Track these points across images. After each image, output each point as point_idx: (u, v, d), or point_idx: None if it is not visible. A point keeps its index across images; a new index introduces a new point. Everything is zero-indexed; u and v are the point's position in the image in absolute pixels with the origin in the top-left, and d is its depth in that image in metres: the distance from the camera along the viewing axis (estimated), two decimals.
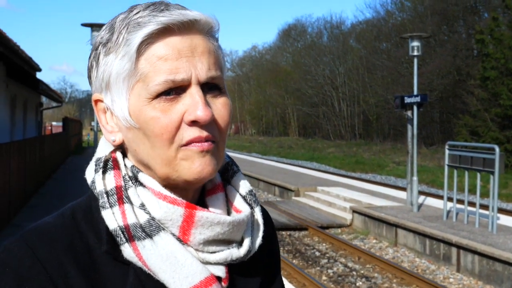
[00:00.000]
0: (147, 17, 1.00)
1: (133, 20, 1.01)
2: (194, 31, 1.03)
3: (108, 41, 1.03)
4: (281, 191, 22.10)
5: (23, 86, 22.17)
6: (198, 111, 0.99)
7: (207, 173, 1.02)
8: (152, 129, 1.00)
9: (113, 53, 1.02)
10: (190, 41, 1.02)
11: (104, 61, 1.03)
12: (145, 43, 1.00)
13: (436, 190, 22.09)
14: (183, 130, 1.00)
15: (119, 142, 1.07)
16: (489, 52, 30.67)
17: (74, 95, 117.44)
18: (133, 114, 1.02)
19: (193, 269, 1.01)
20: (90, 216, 1.05)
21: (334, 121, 57.25)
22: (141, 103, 1.01)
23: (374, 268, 11.63)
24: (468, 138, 31.44)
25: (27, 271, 0.95)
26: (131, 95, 1.02)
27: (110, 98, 1.05)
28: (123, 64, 1.01)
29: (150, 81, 1.00)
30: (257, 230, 1.13)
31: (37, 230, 1.01)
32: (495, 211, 12.05)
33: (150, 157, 1.03)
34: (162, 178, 1.03)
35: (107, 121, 1.08)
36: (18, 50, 15.19)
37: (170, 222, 1.01)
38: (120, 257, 1.01)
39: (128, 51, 1.00)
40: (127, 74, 1.01)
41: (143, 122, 1.01)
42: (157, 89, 0.99)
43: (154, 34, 1.00)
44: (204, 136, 1.01)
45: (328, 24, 64.33)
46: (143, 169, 1.06)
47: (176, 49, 1.00)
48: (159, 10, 1.01)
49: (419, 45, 14.90)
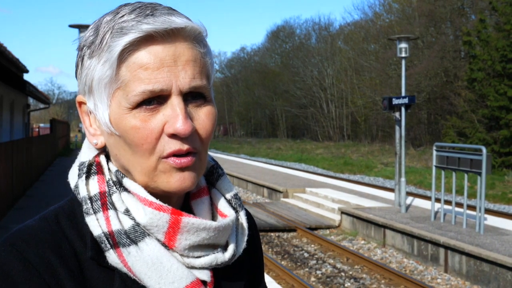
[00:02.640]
0: (131, 22, 0.98)
1: (117, 24, 0.99)
2: (179, 39, 1.00)
3: (92, 43, 1.01)
4: (270, 192, 22.10)
5: (10, 88, 22.01)
6: (177, 124, 0.97)
7: (185, 187, 1.01)
8: (132, 139, 0.99)
9: (96, 57, 1.00)
10: (173, 50, 0.99)
11: (88, 64, 1.02)
12: (127, 50, 0.98)
13: (424, 191, 22.19)
14: (164, 141, 0.99)
15: (101, 146, 1.07)
16: (476, 53, 30.86)
17: (61, 97, 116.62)
18: (113, 121, 1.01)
19: (179, 274, 1.00)
20: (75, 221, 1.03)
21: (322, 122, 57.32)
22: (121, 111, 0.99)
23: (363, 269, 11.66)
24: (455, 139, 31.61)
25: (20, 274, 0.94)
26: (112, 101, 1.01)
27: (93, 102, 1.04)
28: (104, 70, 0.99)
29: (129, 91, 0.98)
30: (241, 234, 1.13)
31: (22, 232, 1.00)
32: (482, 212, 12.12)
33: (131, 163, 1.02)
34: (142, 185, 1.02)
35: (90, 124, 1.07)
36: (5, 51, 15.10)
37: (155, 228, 1.00)
38: (105, 262, 1.00)
39: (110, 58, 0.98)
40: (108, 81, 1.00)
41: (123, 131, 0.99)
42: (136, 100, 0.98)
43: (136, 41, 0.97)
44: (184, 149, 0.99)
45: (316, 26, 64.49)
46: (127, 174, 1.05)
47: (158, 58, 0.98)
48: (144, 15, 0.98)
49: (407, 47, 14.96)
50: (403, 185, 14.95)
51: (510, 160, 27.94)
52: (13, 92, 23.41)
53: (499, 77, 29.22)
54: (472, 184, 18.68)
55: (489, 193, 20.24)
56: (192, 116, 1.01)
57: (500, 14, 29.64)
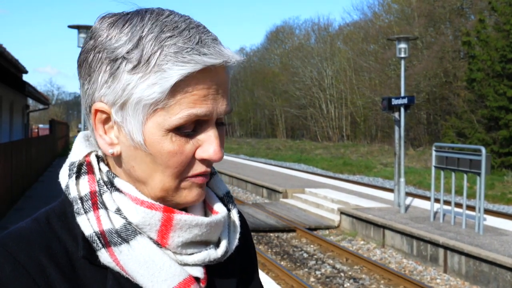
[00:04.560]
0: (186, 49, 0.95)
1: (168, 45, 0.95)
2: (222, 69, 1.00)
3: (134, 58, 0.96)
4: (269, 192, 22.10)
5: (9, 88, 22.00)
6: (213, 152, 0.99)
7: (200, 199, 1.05)
8: (167, 162, 0.98)
9: (141, 76, 0.96)
10: (218, 79, 0.99)
11: (127, 79, 0.96)
12: (183, 78, 0.96)
13: (423, 192, 22.20)
14: (192, 163, 1.01)
15: (117, 155, 1.03)
16: (476, 54, 30.86)
17: (61, 97, 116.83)
18: (147, 140, 0.98)
19: (172, 271, 1.00)
20: (66, 222, 1.03)
21: (321, 122, 57.35)
22: (158, 132, 0.97)
23: (362, 269, 11.66)
24: (454, 140, 31.62)
25: (10, 275, 0.93)
26: (149, 120, 0.97)
27: (121, 115, 0.99)
28: (151, 92, 0.95)
29: (173, 113, 0.96)
30: (233, 231, 1.13)
31: (12, 234, 0.99)
32: (481, 212, 12.12)
33: (151, 179, 1.00)
34: (151, 197, 1.02)
35: (105, 132, 1.03)
36: (4, 52, 15.09)
37: (148, 227, 1.00)
38: (98, 262, 1.00)
39: (162, 84, 0.95)
40: (152, 102, 0.96)
41: (157, 152, 0.98)
42: (180, 122, 0.96)
43: (194, 73, 0.96)
44: (209, 170, 1.03)
45: (315, 26, 64.55)
46: (124, 176, 1.04)
47: (206, 87, 0.97)
48: (195, 42, 0.96)
49: (406, 47, 14.96)
50: (403, 186, 14.95)
51: (509, 160, 27.96)
52: (12, 93, 23.40)
53: (499, 77, 29.23)
54: (471, 185, 18.68)
55: (488, 193, 20.25)
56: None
57: (500, 14, 29.65)
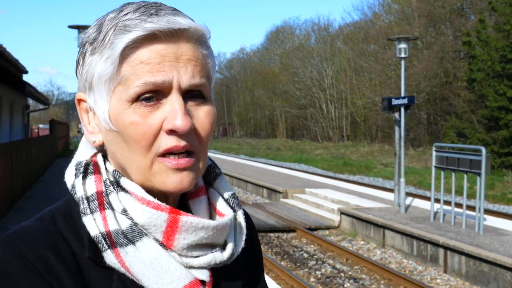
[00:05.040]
0: (135, 21, 0.98)
1: (121, 21, 0.99)
2: (182, 39, 1.00)
3: (95, 40, 1.02)
4: (269, 193, 22.10)
5: (9, 88, 22.00)
6: (176, 120, 0.97)
7: (182, 188, 1.01)
8: (130, 134, 0.99)
9: (98, 54, 1.01)
10: (176, 49, 0.99)
11: (89, 60, 1.02)
12: (129, 47, 0.98)
13: (423, 192, 22.19)
14: (161, 138, 0.99)
15: (99, 144, 1.06)
16: (476, 54, 30.84)
17: (61, 97, 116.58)
18: (112, 117, 1.01)
19: (177, 274, 1.00)
20: (71, 222, 1.03)
21: (322, 123, 57.29)
22: (121, 106, 0.99)
23: (362, 269, 11.66)
24: (455, 140, 31.60)
25: (20, 273, 0.93)
26: (112, 97, 1.00)
27: (93, 99, 1.04)
28: (106, 66, 0.99)
29: (130, 84, 0.98)
30: (240, 233, 1.12)
31: (18, 233, 0.99)
32: (481, 212, 12.12)
33: (128, 161, 1.02)
34: (139, 185, 1.02)
35: (89, 121, 1.07)
36: (4, 52, 15.09)
37: (153, 227, 1.00)
38: (103, 263, 0.99)
39: (112, 55, 0.98)
40: (109, 77, 1.00)
41: (121, 127, 0.99)
42: (137, 91, 0.97)
43: (139, 39, 0.98)
44: (181, 145, 0.99)
45: (315, 26, 64.45)
46: (124, 174, 1.04)
47: (159, 55, 0.98)
48: (148, 14, 0.99)
49: (406, 47, 14.96)
50: (403, 186, 14.95)
51: (509, 160, 27.94)
52: (12, 93, 23.40)
53: (499, 78, 29.21)
54: (471, 185, 18.67)
55: (488, 193, 20.24)
56: (191, 114, 1.01)
57: (500, 15, 29.64)
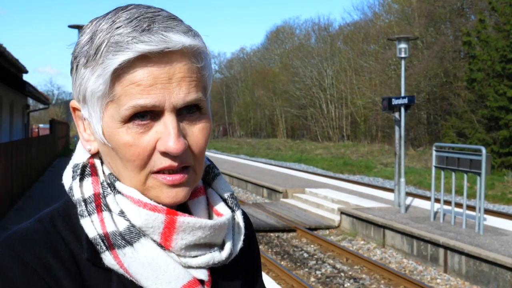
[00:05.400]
0: (127, 38, 0.95)
1: (112, 36, 0.97)
2: (175, 57, 0.98)
3: (87, 53, 0.99)
4: (269, 192, 22.10)
5: (9, 88, 22.00)
6: (169, 143, 0.96)
7: (177, 201, 1.02)
8: (124, 154, 0.99)
9: (90, 69, 0.99)
10: (168, 68, 0.97)
11: (82, 73, 1.01)
12: (120, 67, 0.96)
13: (424, 192, 22.19)
14: (155, 158, 0.99)
15: (95, 151, 1.07)
16: (476, 54, 30.84)
17: (61, 97, 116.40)
18: (106, 133, 1.00)
19: (176, 274, 1.00)
20: (70, 223, 1.03)
21: (322, 122, 57.29)
22: (114, 125, 0.99)
23: (362, 269, 11.67)
24: (455, 140, 31.60)
25: (20, 275, 0.93)
26: (105, 114, 1.00)
27: (88, 111, 1.03)
28: (98, 84, 0.98)
29: (121, 104, 0.97)
30: (238, 233, 1.13)
31: (17, 235, 0.99)
32: (481, 212, 12.12)
33: (121, 175, 1.02)
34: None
35: (84, 129, 1.07)
36: (4, 51, 15.08)
37: (151, 229, 1.00)
38: (102, 264, 1.00)
39: (103, 74, 0.97)
40: (101, 95, 0.99)
41: (115, 145, 0.99)
42: (126, 114, 0.97)
43: (132, 60, 0.96)
44: (175, 165, 0.99)
45: (316, 26, 64.46)
46: (119, 178, 1.05)
47: (151, 76, 0.96)
48: (141, 30, 0.96)
49: (406, 47, 14.96)
50: (403, 186, 14.95)
51: (509, 160, 27.94)
52: (12, 93, 23.40)
53: (499, 78, 29.21)
54: (471, 185, 18.67)
55: (488, 193, 20.24)
56: (186, 132, 1.00)
57: (500, 15, 29.63)
